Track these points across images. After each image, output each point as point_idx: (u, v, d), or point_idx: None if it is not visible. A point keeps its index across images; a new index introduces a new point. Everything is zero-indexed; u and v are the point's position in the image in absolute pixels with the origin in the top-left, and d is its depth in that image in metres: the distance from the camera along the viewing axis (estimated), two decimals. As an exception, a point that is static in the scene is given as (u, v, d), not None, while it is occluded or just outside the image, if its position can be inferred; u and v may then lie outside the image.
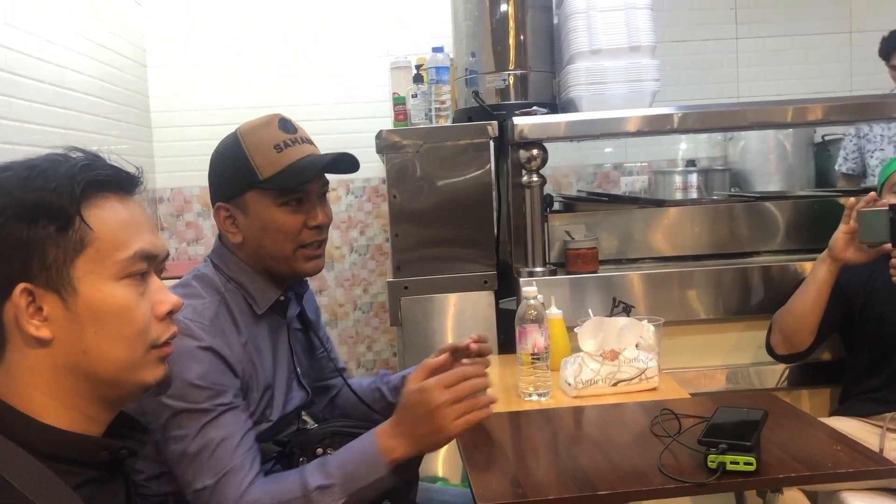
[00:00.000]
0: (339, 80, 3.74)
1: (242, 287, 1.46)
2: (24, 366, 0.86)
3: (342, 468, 1.31)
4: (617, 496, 1.26)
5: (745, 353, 2.35)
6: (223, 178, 1.46)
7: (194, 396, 1.30)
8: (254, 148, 1.42)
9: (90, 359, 0.86)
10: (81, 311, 0.86)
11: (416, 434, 1.30)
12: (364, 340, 3.85)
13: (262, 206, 1.43)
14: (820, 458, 1.31)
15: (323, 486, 1.29)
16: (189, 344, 1.31)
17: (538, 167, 2.34)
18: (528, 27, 2.67)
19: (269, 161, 1.41)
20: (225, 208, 1.46)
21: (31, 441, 0.83)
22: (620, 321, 1.84)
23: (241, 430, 1.35)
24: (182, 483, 1.32)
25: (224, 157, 1.47)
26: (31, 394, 0.85)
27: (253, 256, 1.47)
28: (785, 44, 3.93)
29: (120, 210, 0.90)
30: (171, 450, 1.31)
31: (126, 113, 3.38)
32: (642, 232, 2.51)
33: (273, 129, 1.44)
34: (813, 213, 2.54)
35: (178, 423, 1.30)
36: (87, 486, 0.86)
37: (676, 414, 1.51)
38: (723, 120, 2.44)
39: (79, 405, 0.88)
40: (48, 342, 0.85)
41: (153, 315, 0.91)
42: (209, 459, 1.30)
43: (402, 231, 2.50)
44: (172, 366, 1.27)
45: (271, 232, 1.43)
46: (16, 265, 0.83)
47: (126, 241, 0.89)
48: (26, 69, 2.49)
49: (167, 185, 3.73)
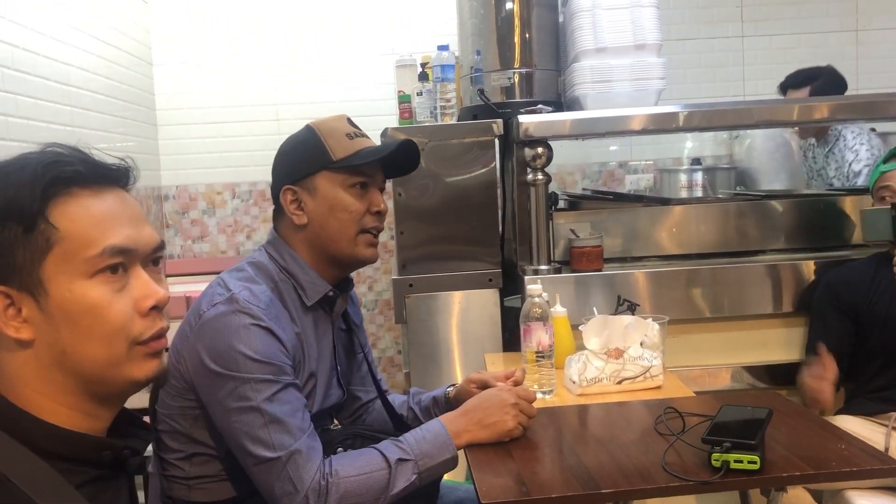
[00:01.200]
0: (344, 79, 3.74)
1: (294, 277, 1.51)
2: (13, 366, 0.85)
3: (418, 446, 1.40)
4: (621, 494, 1.26)
5: (750, 352, 2.35)
6: (295, 160, 1.53)
7: (257, 369, 1.33)
8: (328, 133, 1.52)
9: (70, 358, 0.85)
10: (54, 312, 0.84)
11: (484, 422, 1.45)
12: (369, 338, 3.85)
13: (331, 187, 1.50)
14: (825, 456, 1.31)
15: (402, 459, 1.37)
16: (246, 320, 1.35)
17: (543, 165, 2.33)
18: (534, 25, 2.67)
19: (342, 145, 1.51)
20: (292, 190, 1.52)
21: (35, 439, 0.82)
22: (625, 319, 1.84)
23: (303, 405, 1.39)
24: (242, 453, 1.34)
25: (297, 142, 1.55)
26: (25, 393, 0.85)
27: (313, 241, 1.52)
28: (791, 42, 3.92)
29: (92, 205, 0.87)
30: (233, 420, 1.33)
31: (132, 110, 3.38)
32: (647, 230, 2.50)
33: (343, 123, 1.56)
34: (819, 212, 2.53)
35: (241, 395, 1.32)
36: (90, 484, 0.86)
37: (681, 412, 1.51)
38: (728, 118, 2.44)
39: (72, 402, 0.87)
40: (30, 343, 0.84)
41: (136, 310, 0.88)
42: (279, 431, 1.32)
43: (407, 229, 2.50)
44: (227, 337, 1.32)
45: (338, 212, 1.50)
46: None
47: (96, 237, 0.86)
48: (33, 67, 2.50)
49: (172, 183, 3.73)
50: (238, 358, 1.33)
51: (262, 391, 1.33)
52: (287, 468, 1.31)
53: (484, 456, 1.41)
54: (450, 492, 1.77)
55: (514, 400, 1.49)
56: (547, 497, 1.24)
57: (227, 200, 3.76)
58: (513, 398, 1.49)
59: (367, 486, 1.34)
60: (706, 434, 1.30)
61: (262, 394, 1.33)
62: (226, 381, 1.33)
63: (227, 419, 1.34)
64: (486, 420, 1.46)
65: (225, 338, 1.34)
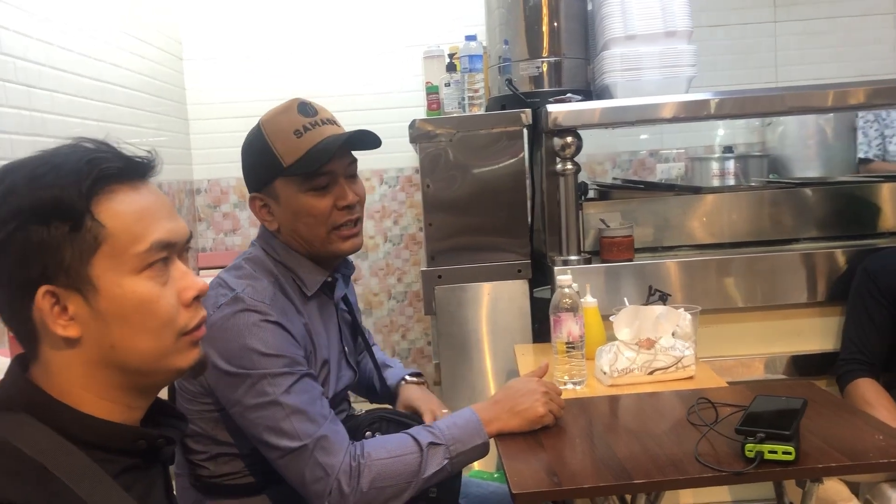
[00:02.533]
0: (372, 71, 3.75)
1: (291, 270, 1.49)
2: (58, 362, 0.86)
3: (449, 431, 1.40)
4: (653, 485, 1.25)
5: (784, 342, 2.31)
6: (252, 168, 1.49)
7: (270, 364, 1.33)
8: (274, 136, 1.43)
9: (119, 353, 0.86)
10: (104, 309, 0.85)
11: (515, 409, 1.46)
12: (398, 329, 3.87)
13: (290, 193, 1.44)
14: (862, 447, 1.29)
15: (434, 443, 1.38)
16: (254, 318, 1.35)
17: (572, 155, 2.32)
18: (562, 13, 2.65)
19: (290, 148, 1.42)
20: (259, 198, 1.49)
21: (72, 430, 0.84)
22: (657, 309, 1.82)
23: (321, 394, 1.40)
24: (268, 448, 1.34)
25: (250, 147, 1.49)
26: (68, 387, 0.86)
27: (290, 242, 1.50)
28: (825, 26, 3.84)
29: (133, 200, 0.88)
30: (254, 417, 1.33)
31: (163, 105, 3.42)
32: (679, 219, 2.48)
33: (292, 115, 1.45)
34: (854, 200, 2.49)
35: (259, 391, 1.32)
36: (127, 473, 0.87)
37: (713, 402, 1.50)
38: (761, 105, 2.40)
39: (115, 396, 0.88)
40: (77, 341, 0.85)
41: (180, 302, 0.90)
42: (302, 420, 1.33)
43: (435, 220, 2.50)
44: (239, 337, 1.32)
45: (303, 217, 1.45)
46: (35, 268, 0.82)
47: (142, 232, 0.87)
48: (67, 64, 2.54)
49: (204, 177, 3.77)
50: (251, 356, 1.33)
51: (279, 384, 1.33)
52: (315, 454, 1.32)
53: (515, 446, 1.41)
54: (477, 488, 1.78)
55: (544, 388, 1.50)
56: (579, 487, 1.24)
57: (257, 193, 3.79)
58: (543, 387, 1.50)
59: (399, 469, 1.34)
60: (740, 424, 1.29)
61: (279, 387, 1.33)
62: (242, 380, 1.33)
63: (248, 417, 1.34)
64: (517, 408, 1.46)
65: (236, 338, 1.34)
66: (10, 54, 2.21)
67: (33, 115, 2.32)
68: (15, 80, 2.23)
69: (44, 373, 0.87)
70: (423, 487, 1.38)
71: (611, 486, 1.24)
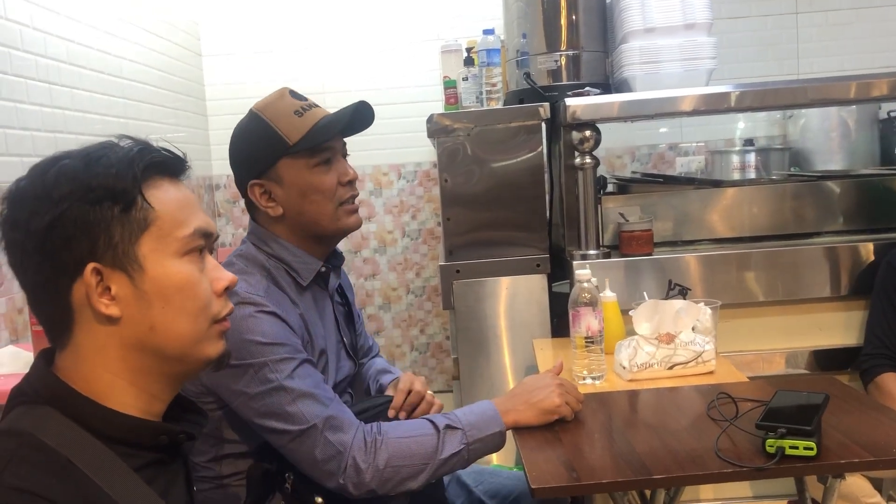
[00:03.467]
0: (390, 65, 3.75)
1: (284, 262, 1.49)
2: (92, 346, 0.88)
3: (465, 417, 1.41)
4: (673, 480, 1.25)
5: (805, 336, 2.29)
6: (251, 154, 1.49)
7: (270, 351, 1.34)
8: (276, 118, 1.46)
9: (157, 335, 0.89)
10: (148, 288, 0.88)
11: (530, 401, 1.46)
12: (417, 324, 3.87)
13: (296, 172, 1.46)
14: (885, 443, 1.28)
15: (451, 426, 1.38)
16: (249, 310, 1.35)
17: (591, 149, 2.31)
18: (580, 6, 2.63)
19: (294, 126, 1.45)
20: (259, 184, 1.48)
21: (95, 425, 0.85)
22: (676, 304, 1.81)
23: (322, 379, 1.40)
24: (276, 435, 1.34)
25: (248, 133, 1.50)
26: (98, 374, 0.88)
27: (294, 227, 1.50)
28: (848, 17, 3.79)
29: (174, 191, 0.93)
30: (259, 406, 1.33)
31: (182, 101, 3.44)
32: (699, 213, 2.46)
33: (288, 99, 1.49)
34: (878, 192, 2.46)
35: (262, 378, 1.33)
36: (148, 468, 0.88)
37: (734, 398, 1.49)
38: (782, 98, 2.38)
39: (144, 383, 0.90)
40: (117, 320, 0.87)
41: (213, 291, 0.95)
42: (308, 403, 1.33)
43: (453, 215, 2.50)
44: (236, 331, 1.31)
45: (311, 195, 1.47)
46: (84, 246, 0.85)
47: (185, 219, 0.92)
48: (87, 61, 2.56)
49: (223, 172, 3.79)
50: (250, 346, 1.33)
51: (282, 370, 1.33)
52: (324, 433, 1.31)
53: (534, 441, 1.40)
54: (491, 476, 1.77)
55: (559, 381, 1.51)
56: (598, 483, 1.23)
57: (276, 189, 3.81)
58: (557, 380, 1.52)
59: (416, 449, 1.34)
60: (760, 419, 1.28)
61: (282, 372, 1.33)
62: (244, 371, 1.33)
63: (253, 406, 1.33)
64: (532, 399, 1.47)
65: (233, 332, 1.34)
66: (30, 51, 2.23)
67: (54, 111, 2.34)
68: (36, 76, 2.25)
69: (73, 361, 0.88)
70: (440, 471, 1.37)
71: (630, 481, 1.23)
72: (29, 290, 0.89)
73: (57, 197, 0.85)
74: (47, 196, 0.85)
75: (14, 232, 0.86)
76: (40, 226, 0.84)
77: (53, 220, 0.84)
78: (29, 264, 0.87)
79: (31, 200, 0.86)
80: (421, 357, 3.87)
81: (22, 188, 0.87)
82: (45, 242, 0.85)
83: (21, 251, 0.87)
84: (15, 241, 0.87)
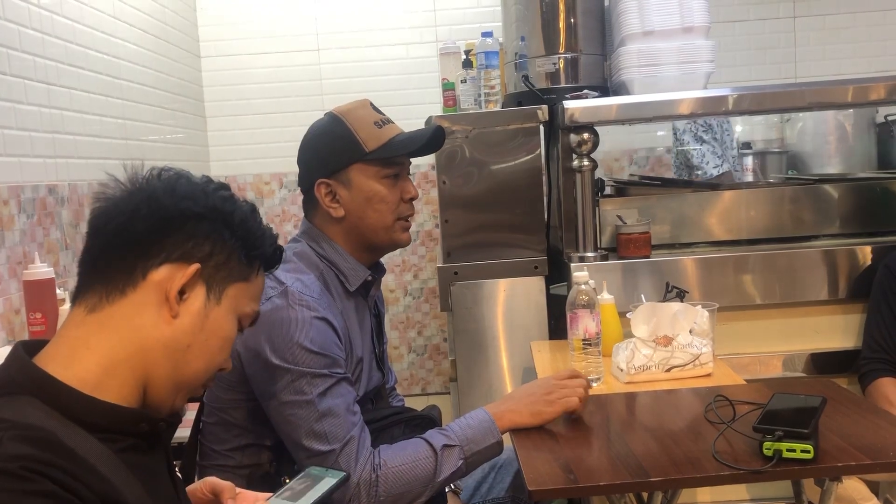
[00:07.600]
0: (388, 67, 3.75)
1: (335, 266, 1.53)
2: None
3: (462, 432, 1.43)
4: (670, 483, 1.25)
5: (803, 339, 2.30)
6: (326, 154, 1.53)
7: (314, 362, 1.37)
8: (357, 124, 1.52)
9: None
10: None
11: (526, 402, 1.47)
12: (415, 326, 3.87)
13: (365, 179, 1.52)
14: (882, 446, 1.28)
15: (448, 445, 1.41)
16: (307, 314, 1.39)
17: (589, 151, 2.31)
18: (579, 9, 2.64)
19: (373, 135, 1.52)
20: (326, 183, 1.53)
21: (75, 412, 0.85)
22: (674, 306, 1.81)
23: (354, 398, 1.43)
24: (296, 447, 1.38)
25: (326, 134, 1.55)
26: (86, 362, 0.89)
27: (350, 231, 1.54)
28: (846, 21, 3.80)
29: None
30: (288, 414, 1.37)
31: (181, 102, 3.44)
32: (696, 216, 2.46)
33: (368, 109, 1.57)
34: (875, 196, 2.46)
35: (297, 388, 1.36)
36: (128, 452, 0.89)
37: (731, 400, 1.49)
38: (779, 101, 2.38)
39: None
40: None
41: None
42: (334, 425, 1.36)
43: (451, 217, 2.50)
44: (286, 329, 1.36)
45: (375, 203, 1.52)
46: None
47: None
48: (86, 62, 2.56)
49: (221, 173, 3.78)
50: (296, 350, 1.36)
51: (317, 385, 1.36)
52: (339, 460, 1.35)
53: (531, 443, 1.41)
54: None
55: (555, 382, 1.51)
56: (595, 485, 1.23)
57: (274, 190, 3.81)
58: (553, 381, 1.52)
59: (414, 475, 1.38)
60: (758, 422, 1.28)
61: (317, 388, 1.36)
62: (283, 374, 1.36)
63: (282, 412, 1.37)
64: (526, 400, 1.49)
65: (285, 331, 1.37)
66: (29, 52, 2.22)
67: (52, 112, 2.33)
68: (34, 77, 2.24)
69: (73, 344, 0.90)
70: (440, 488, 1.41)
71: (627, 483, 1.24)
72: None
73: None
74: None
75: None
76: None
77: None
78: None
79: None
80: (419, 359, 3.87)
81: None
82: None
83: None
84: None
